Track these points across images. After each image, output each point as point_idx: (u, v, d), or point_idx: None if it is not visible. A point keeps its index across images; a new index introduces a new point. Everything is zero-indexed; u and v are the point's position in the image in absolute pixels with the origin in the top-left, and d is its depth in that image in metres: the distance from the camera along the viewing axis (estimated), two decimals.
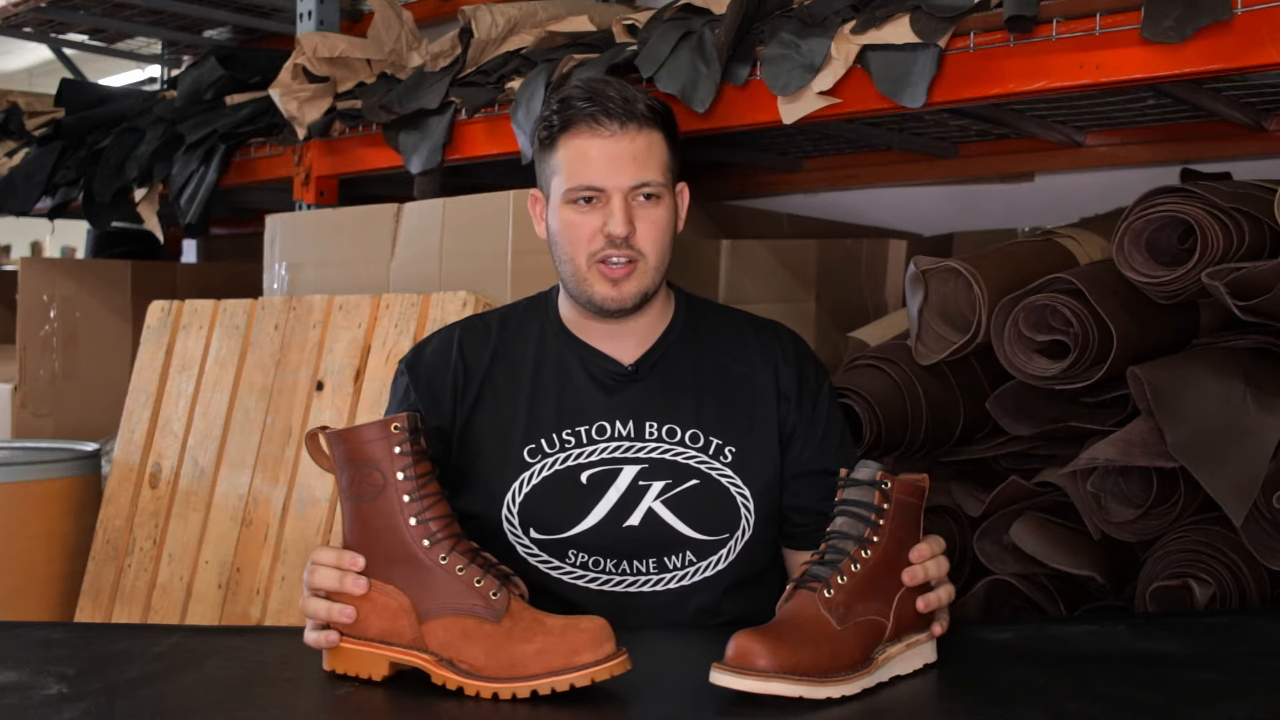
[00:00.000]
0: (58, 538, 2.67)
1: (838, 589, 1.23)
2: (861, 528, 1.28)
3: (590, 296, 1.52)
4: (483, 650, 1.19)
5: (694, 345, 1.60)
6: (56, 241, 8.26)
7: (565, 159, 1.51)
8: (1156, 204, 1.87)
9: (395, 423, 1.26)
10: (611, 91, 1.50)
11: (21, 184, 3.58)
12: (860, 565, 1.25)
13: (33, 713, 1.14)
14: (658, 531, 1.51)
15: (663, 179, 1.51)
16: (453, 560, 1.23)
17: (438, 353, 1.61)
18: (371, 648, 1.25)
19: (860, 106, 2.02)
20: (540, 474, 1.52)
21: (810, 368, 1.63)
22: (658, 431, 1.53)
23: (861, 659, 1.22)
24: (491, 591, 1.22)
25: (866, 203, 3.31)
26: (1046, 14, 1.80)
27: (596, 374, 1.57)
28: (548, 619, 1.21)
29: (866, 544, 1.27)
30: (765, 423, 1.57)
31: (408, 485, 1.25)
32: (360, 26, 3.59)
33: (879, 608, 1.25)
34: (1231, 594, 1.82)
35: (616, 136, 1.49)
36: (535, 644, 1.18)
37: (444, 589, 1.22)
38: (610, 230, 1.48)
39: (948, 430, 2.15)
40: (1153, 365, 1.85)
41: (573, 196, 1.50)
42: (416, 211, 2.50)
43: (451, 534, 1.25)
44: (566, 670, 1.16)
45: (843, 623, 1.22)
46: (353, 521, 1.27)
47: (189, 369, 2.64)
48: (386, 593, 1.24)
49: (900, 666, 1.27)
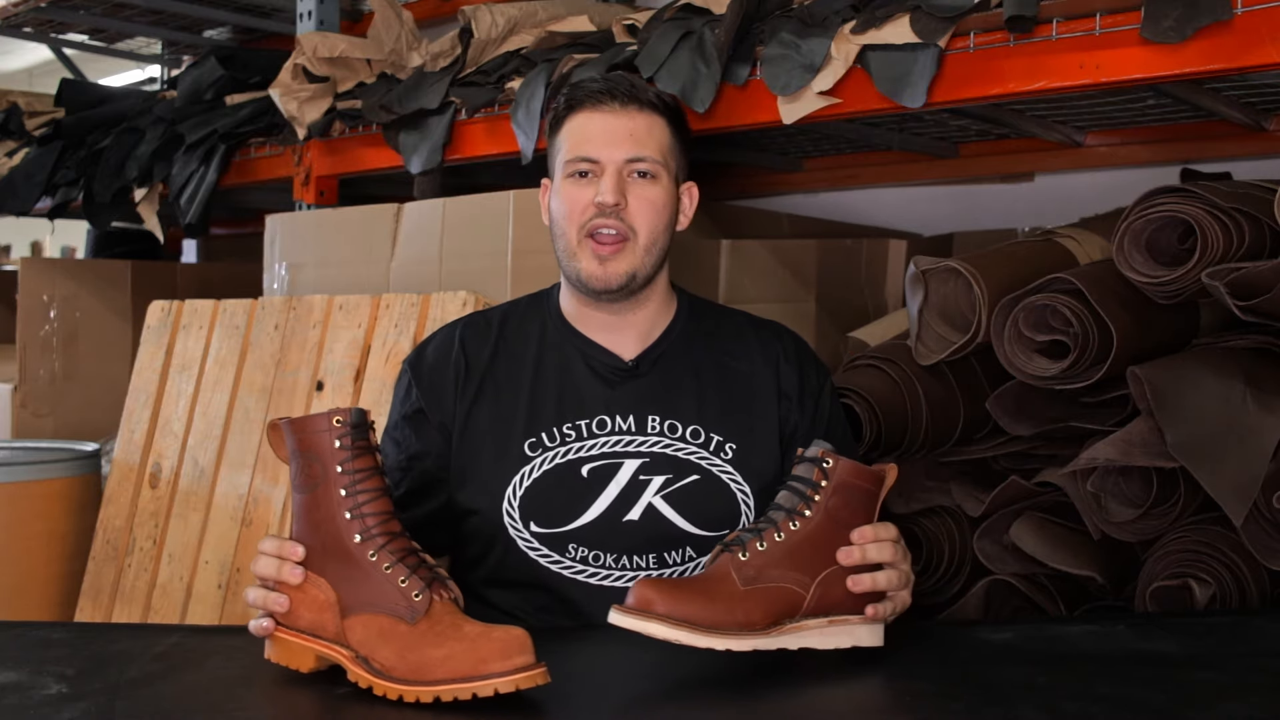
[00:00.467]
0: (58, 538, 2.67)
1: (753, 554, 1.26)
2: (796, 501, 1.30)
3: (578, 272, 1.53)
4: (394, 651, 1.19)
5: (696, 343, 1.61)
6: (56, 241, 8.26)
7: (568, 135, 1.55)
8: (1156, 204, 1.87)
9: (337, 416, 1.26)
10: (621, 79, 1.56)
11: (21, 184, 3.58)
12: (784, 535, 1.28)
13: (33, 713, 1.14)
14: (658, 526, 1.52)
15: (660, 159, 1.53)
16: (381, 558, 1.23)
17: (439, 350, 1.62)
18: (300, 639, 1.26)
19: (860, 106, 2.02)
20: (541, 468, 1.53)
21: (811, 367, 1.64)
22: (659, 426, 1.54)
23: (762, 623, 1.23)
24: (414, 593, 1.22)
25: (866, 203, 3.30)
26: (1046, 14, 1.80)
27: (597, 368, 1.58)
28: (467, 625, 1.19)
29: (797, 517, 1.29)
30: (766, 421, 1.58)
31: (344, 479, 1.25)
32: (360, 26, 3.59)
33: (799, 579, 1.27)
34: (1231, 594, 1.82)
35: (617, 113, 1.52)
36: (445, 649, 1.17)
37: (368, 586, 1.23)
38: (600, 199, 1.50)
39: (948, 430, 2.15)
40: (1153, 365, 1.85)
41: (570, 170, 1.53)
42: (416, 211, 2.50)
43: (386, 532, 1.25)
44: (471, 679, 1.15)
45: (748, 584, 1.24)
46: (297, 512, 1.29)
47: (189, 369, 2.64)
48: (318, 585, 1.25)
49: (817, 641, 1.28)
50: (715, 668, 1.26)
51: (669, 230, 1.56)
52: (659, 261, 1.56)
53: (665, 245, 1.56)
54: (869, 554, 1.30)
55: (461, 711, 1.14)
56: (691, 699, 1.22)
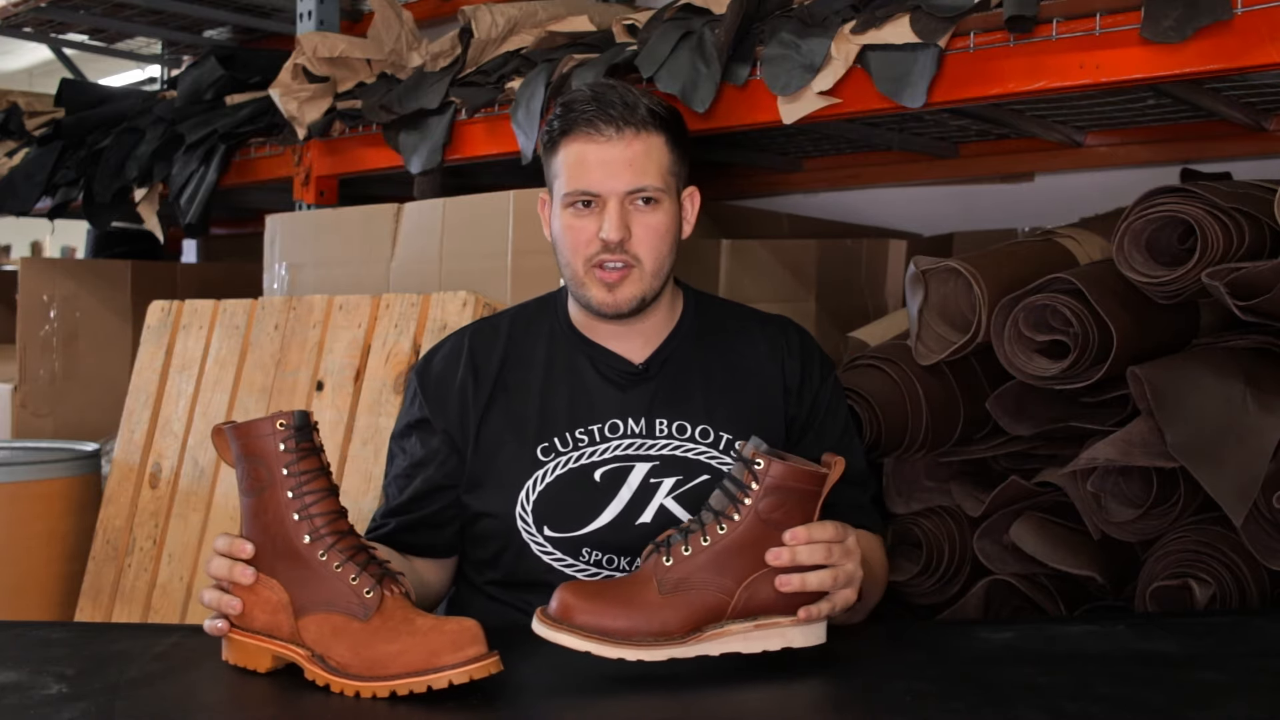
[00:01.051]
0: (58, 538, 2.67)
1: (677, 559, 1.25)
2: (725, 503, 1.28)
3: (588, 300, 1.54)
4: (349, 648, 1.21)
5: (702, 342, 1.62)
6: (56, 241, 8.26)
7: (564, 163, 1.52)
8: (1156, 204, 1.87)
9: (281, 419, 1.28)
10: (614, 96, 1.51)
11: (21, 184, 3.58)
12: (709, 539, 1.26)
13: (33, 713, 1.14)
14: (670, 528, 1.51)
15: (661, 183, 1.51)
16: (331, 557, 1.25)
17: (448, 359, 1.62)
18: (256, 640, 1.27)
19: (860, 106, 2.02)
20: (554, 472, 1.53)
21: (814, 361, 1.64)
22: (668, 428, 1.55)
23: (680, 630, 1.23)
24: (365, 590, 1.23)
25: (866, 203, 3.31)
26: (1046, 14, 1.80)
27: (607, 373, 1.58)
28: (419, 619, 1.22)
29: (724, 519, 1.27)
30: (773, 415, 1.59)
31: (290, 481, 1.27)
32: (360, 26, 3.59)
33: (722, 584, 1.25)
34: (1231, 594, 1.82)
35: (613, 141, 1.49)
36: (398, 644, 1.19)
37: (320, 585, 1.25)
38: (604, 235, 1.49)
39: (948, 430, 2.15)
40: (1153, 365, 1.85)
41: (570, 201, 1.52)
42: (416, 211, 2.50)
43: (335, 531, 1.27)
44: (425, 671, 1.17)
45: (669, 592, 1.24)
46: (245, 516, 1.31)
47: (189, 369, 2.64)
48: (270, 586, 1.27)
49: (741, 645, 1.26)
50: (706, 662, 1.26)
51: (675, 249, 1.55)
52: (667, 279, 1.56)
53: (672, 263, 1.56)
54: (799, 556, 1.26)
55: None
56: (675, 692, 1.21)
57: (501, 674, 1.19)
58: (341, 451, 2.24)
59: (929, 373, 2.13)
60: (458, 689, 1.17)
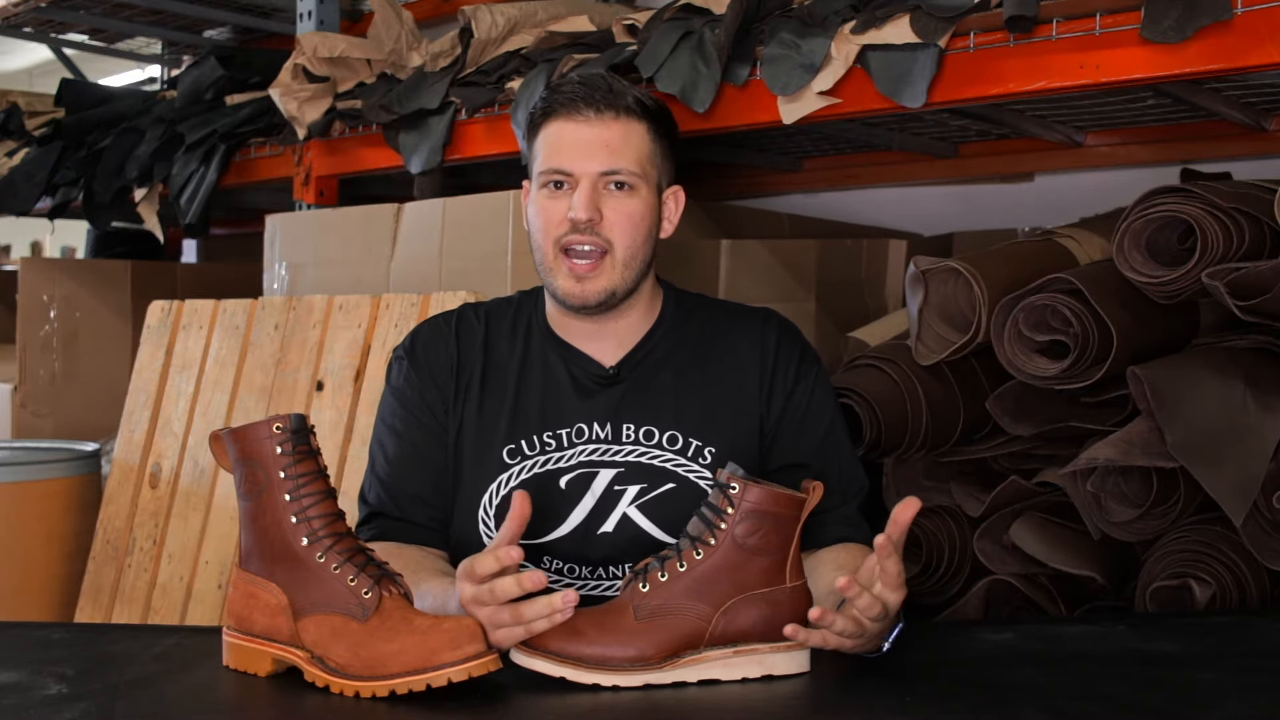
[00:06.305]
0: (58, 538, 2.67)
1: (654, 585, 1.25)
2: (701, 529, 1.27)
3: (555, 290, 1.49)
4: (348, 648, 1.22)
5: (679, 344, 1.56)
6: (56, 241, 8.25)
7: (543, 144, 1.50)
8: (1156, 204, 1.87)
9: (277, 423, 1.28)
10: (601, 81, 1.49)
11: (21, 184, 3.58)
12: (686, 565, 1.26)
13: (33, 713, 1.14)
14: (632, 537, 1.48)
15: (638, 169, 1.47)
16: (329, 559, 1.26)
17: (435, 333, 1.58)
18: (256, 643, 1.28)
19: (860, 106, 2.02)
20: (519, 476, 1.50)
21: (794, 358, 1.56)
22: (635, 434, 1.50)
23: (656, 657, 1.23)
24: (364, 590, 1.24)
25: (866, 203, 3.31)
26: (1046, 14, 1.80)
27: (579, 375, 1.53)
28: (417, 619, 1.22)
29: (701, 545, 1.26)
30: (749, 417, 1.53)
31: (287, 484, 1.27)
32: (360, 26, 3.59)
33: (700, 610, 1.24)
34: (1231, 594, 1.82)
35: (591, 122, 1.46)
36: (397, 643, 1.20)
37: (318, 587, 1.25)
38: (572, 214, 1.45)
39: (948, 430, 2.15)
40: (1153, 365, 1.85)
41: (544, 181, 1.49)
42: (416, 211, 2.50)
43: (332, 533, 1.27)
44: (424, 670, 1.17)
45: (645, 619, 1.24)
46: (244, 519, 1.31)
47: (189, 369, 2.64)
48: (269, 590, 1.28)
49: (721, 671, 1.25)
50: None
51: (649, 241, 1.50)
52: (640, 274, 1.50)
53: (646, 257, 1.50)
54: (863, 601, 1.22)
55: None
56: (675, 688, 1.22)
57: (500, 672, 1.20)
58: (341, 452, 2.24)
59: (929, 373, 2.13)
60: (457, 687, 1.17)
